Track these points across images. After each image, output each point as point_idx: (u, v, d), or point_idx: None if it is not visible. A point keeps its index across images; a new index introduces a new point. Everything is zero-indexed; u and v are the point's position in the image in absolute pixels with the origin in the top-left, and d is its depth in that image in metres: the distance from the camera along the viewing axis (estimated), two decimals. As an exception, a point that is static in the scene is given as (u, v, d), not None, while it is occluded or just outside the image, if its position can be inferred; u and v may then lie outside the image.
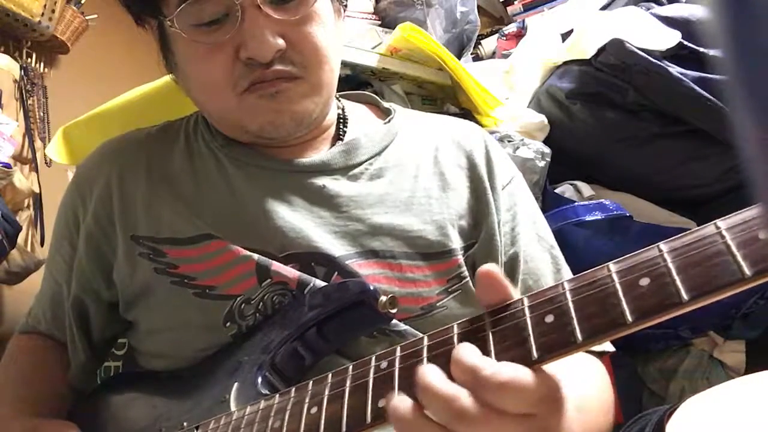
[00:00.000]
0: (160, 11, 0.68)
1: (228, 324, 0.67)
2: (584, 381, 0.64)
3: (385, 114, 0.83)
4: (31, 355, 0.81)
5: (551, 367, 0.42)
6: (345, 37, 0.78)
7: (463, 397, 0.41)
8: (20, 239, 1.75)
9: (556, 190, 1.16)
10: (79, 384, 0.80)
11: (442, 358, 0.44)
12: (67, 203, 0.80)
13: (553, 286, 0.43)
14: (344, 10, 0.77)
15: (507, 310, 0.44)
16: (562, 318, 0.41)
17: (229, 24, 0.65)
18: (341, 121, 0.79)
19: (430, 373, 0.43)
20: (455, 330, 0.46)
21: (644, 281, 0.39)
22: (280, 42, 0.65)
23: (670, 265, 0.38)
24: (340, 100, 0.82)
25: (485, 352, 0.43)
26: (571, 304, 0.41)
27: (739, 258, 0.36)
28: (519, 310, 0.43)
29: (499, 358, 0.42)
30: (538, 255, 0.75)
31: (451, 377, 0.42)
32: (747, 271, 0.35)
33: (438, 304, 0.69)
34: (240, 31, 0.65)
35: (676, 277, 0.37)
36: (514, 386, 0.40)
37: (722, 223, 0.38)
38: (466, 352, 0.42)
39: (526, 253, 0.74)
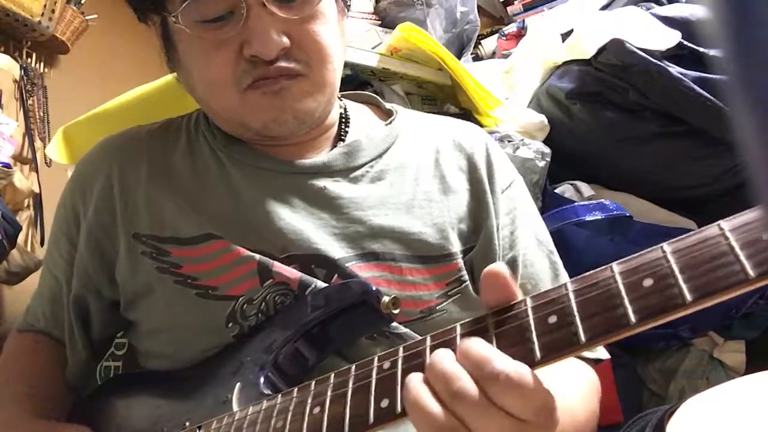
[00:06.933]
0: (164, 7, 0.68)
1: (230, 324, 0.67)
2: (565, 389, 0.62)
3: (386, 115, 0.83)
4: (30, 355, 0.80)
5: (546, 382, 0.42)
6: (347, 37, 0.79)
7: (465, 379, 0.41)
8: (20, 239, 1.76)
9: (556, 190, 1.16)
10: (77, 382, 0.80)
11: None
12: (67, 200, 0.79)
13: (556, 287, 0.43)
14: (347, 11, 0.77)
15: (510, 311, 0.44)
16: (565, 318, 0.41)
17: (233, 21, 0.65)
18: (343, 121, 0.79)
19: (439, 352, 0.43)
20: (458, 330, 0.46)
21: (648, 282, 0.38)
22: (285, 40, 0.65)
23: (674, 266, 0.38)
24: (342, 100, 0.82)
25: None
26: (574, 305, 0.41)
27: (743, 259, 0.35)
28: (522, 310, 0.43)
29: None
30: (537, 259, 0.75)
31: None
32: (751, 272, 0.35)
33: (437, 308, 0.69)
34: (244, 29, 0.65)
35: (680, 278, 0.37)
36: (518, 386, 0.40)
37: (726, 224, 0.37)
38: (476, 343, 0.42)
39: (525, 257, 0.74)
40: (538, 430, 0.42)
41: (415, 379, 0.43)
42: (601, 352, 0.73)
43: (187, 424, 0.62)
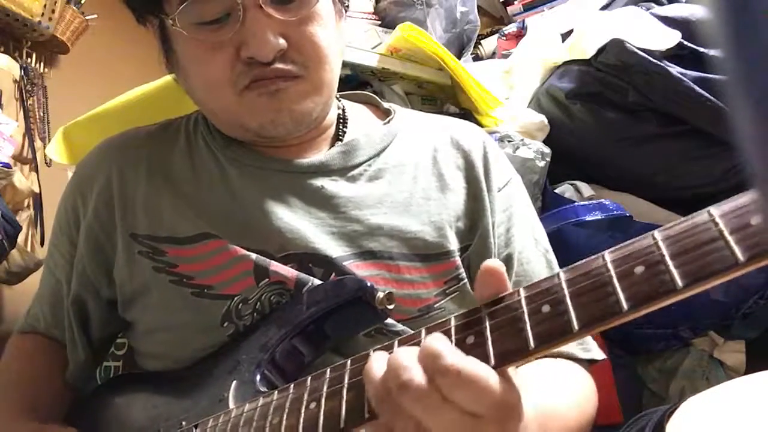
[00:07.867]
0: (162, 9, 0.68)
1: (225, 324, 0.67)
2: (555, 392, 0.63)
3: (385, 114, 0.83)
4: (30, 356, 0.81)
5: (519, 377, 0.42)
6: (346, 38, 0.79)
7: (414, 371, 0.41)
8: (20, 239, 1.75)
9: (556, 190, 1.16)
10: (77, 383, 0.80)
11: None
12: (67, 200, 0.79)
13: (549, 277, 0.43)
14: (345, 12, 0.77)
15: (503, 302, 0.44)
16: (558, 307, 0.41)
17: (230, 23, 0.65)
18: (341, 121, 0.79)
19: (404, 347, 0.44)
20: (452, 322, 0.46)
21: (639, 269, 0.39)
22: (282, 42, 0.65)
23: (665, 253, 0.38)
24: (340, 100, 0.82)
25: (482, 342, 0.43)
26: (566, 294, 0.41)
27: (733, 244, 0.36)
28: (515, 301, 0.44)
29: (496, 349, 0.42)
30: (534, 258, 0.75)
31: None
32: (740, 256, 0.35)
33: (435, 306, 0.69)
34: (241, 31, 0.65)
35: (671, 265, 0.38)
36: (470, 381, 0.40)
37: (715, 210, 0.38)
38: (434, 339, 0.42)
39: (522, 255, 0.74)
40: (494, 425, 0.42)
41: (375, 366, 0.44)
42: (595, 353, 0.73)
43: (184, 423, 0.62)
